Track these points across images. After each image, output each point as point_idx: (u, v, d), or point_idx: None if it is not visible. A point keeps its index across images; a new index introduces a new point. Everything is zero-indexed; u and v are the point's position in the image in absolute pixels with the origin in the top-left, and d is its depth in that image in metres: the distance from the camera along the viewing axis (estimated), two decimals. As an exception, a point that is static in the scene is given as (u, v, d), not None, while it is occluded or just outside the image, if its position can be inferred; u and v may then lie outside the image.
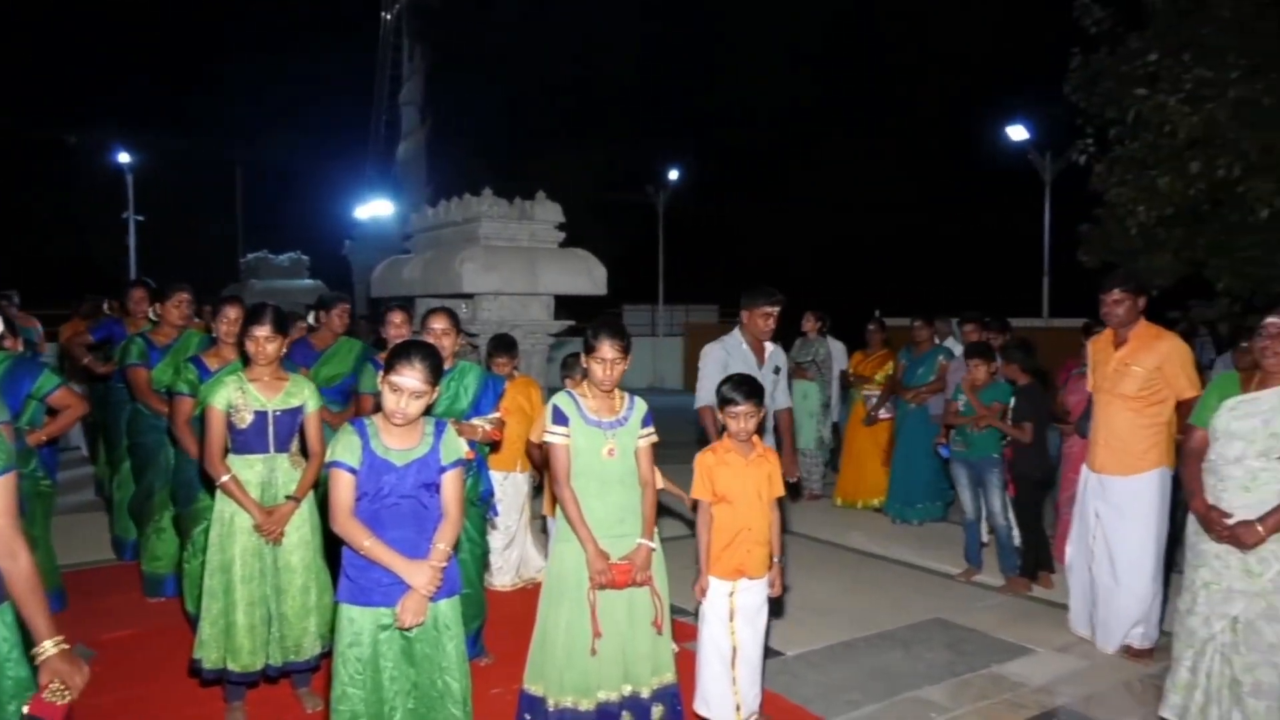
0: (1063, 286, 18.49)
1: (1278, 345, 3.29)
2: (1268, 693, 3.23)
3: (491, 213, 7.34)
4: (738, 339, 4.91)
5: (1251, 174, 9.25)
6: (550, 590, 3.30)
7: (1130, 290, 4.41)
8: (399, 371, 2.74)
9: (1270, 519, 3.20)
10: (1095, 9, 10.77)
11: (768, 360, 4.91)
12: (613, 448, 3.23)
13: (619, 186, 28.47)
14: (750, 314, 4.83)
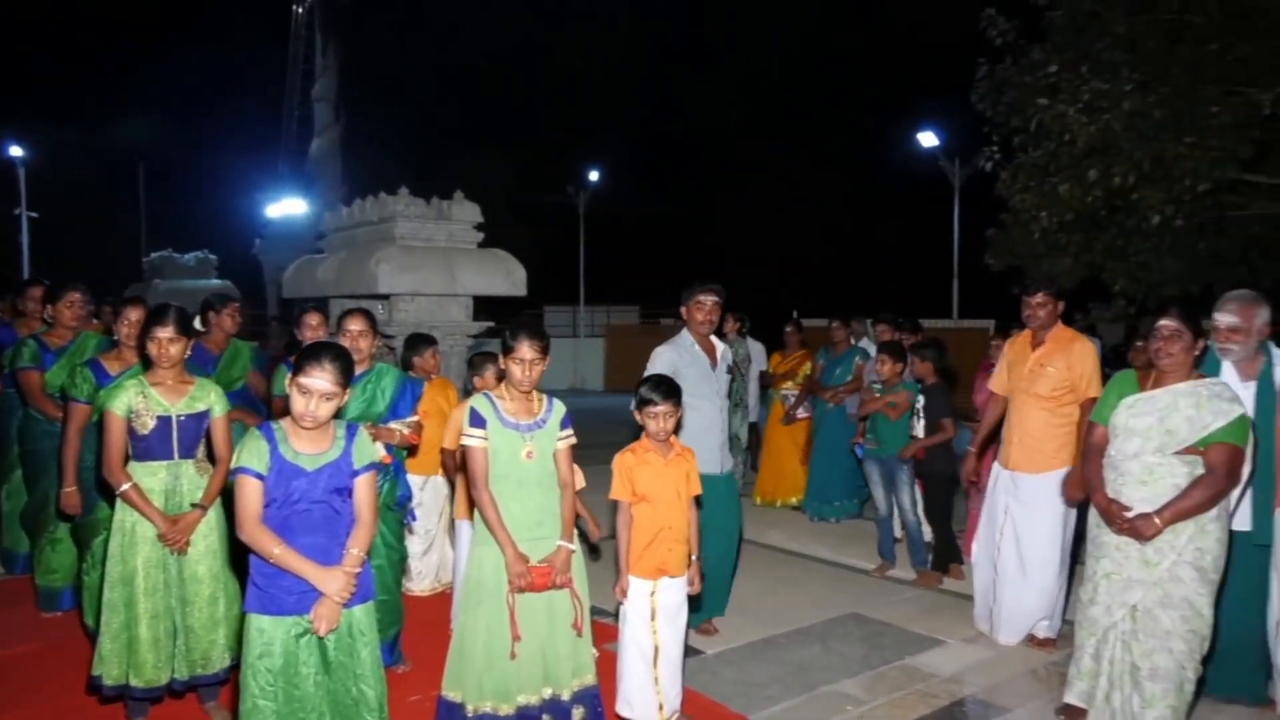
0: (971, 288, 19.14)
1: (1170, 347, 3.46)
2: (1164, 676, 3.39)
3: (408, 212, 7.22)
4: (688, 340, 4.77)
5: (1144, 183, 9.73)
6: (468, 594, 3.25)
7: (1053, 294, 4.60)
8: (308, 373, 2.66)
9: (1166, 511, 3.35)
10: (1000, 21, 11.18)
11: (720, 360, 4.79)
12: (531, 450, 3.21)
13: (539, 187, 28.32)
14: (689, 308, 4.73)
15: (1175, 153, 9.42)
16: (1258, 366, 3.75)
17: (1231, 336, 3.74)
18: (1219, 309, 3.78)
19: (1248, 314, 3.74)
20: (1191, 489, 3.35)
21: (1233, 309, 3.75)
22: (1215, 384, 3.46)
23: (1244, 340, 3.72)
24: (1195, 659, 3.41)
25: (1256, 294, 3.81)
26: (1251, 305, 3.75)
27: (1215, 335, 3.78)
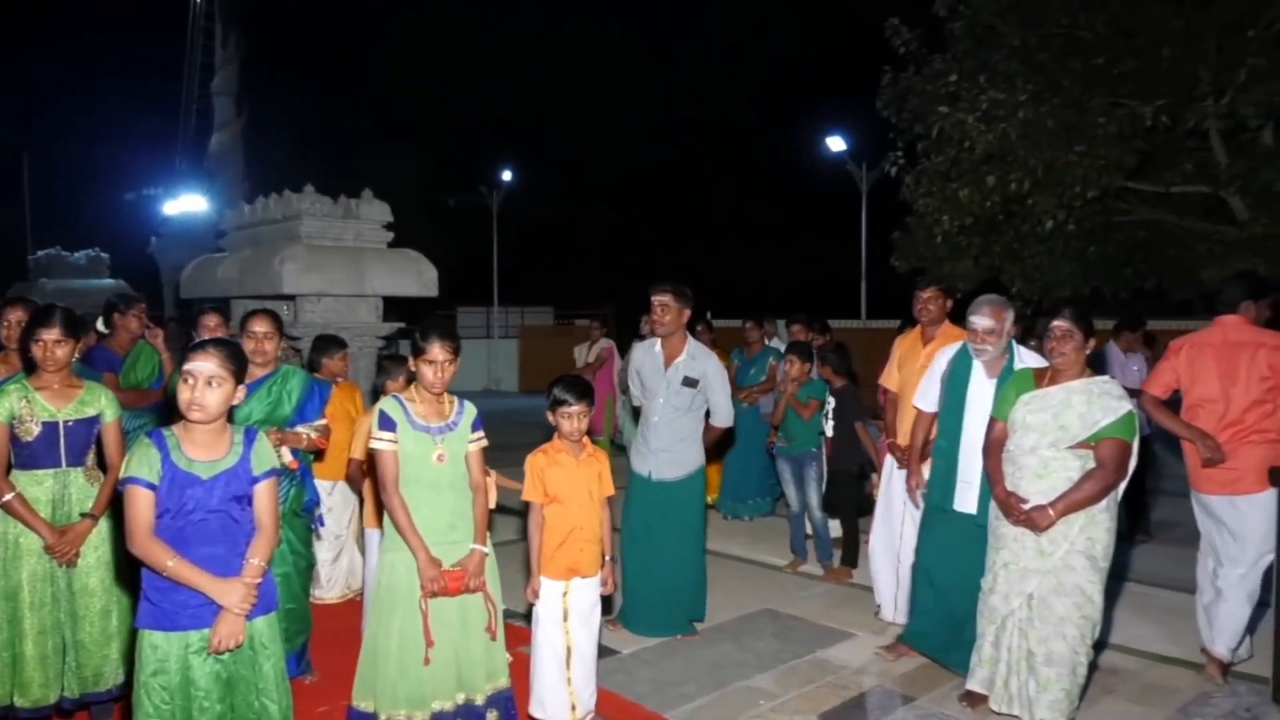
0: (879, 289, 19.67)
1: (1063, 346, 3.62)
2: (1058, 661, 3.55)
3: (314, 210, 7.02)
4: (654, 340, 4.77)
5: (1038, 189, 10.16)
6: (380, 601, 3.19)
7: (942, 290, 4.81)
8: (191, 359, 2.53)
9: (1060, 503, 3.51)
10: (903, 31, 11.53)
11: (673, 367, 4.67)
12: (442, 453, 3.16)
13: (452, 186, 27.93)
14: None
15: (1066, 160, 9.87)
16: (1001, 365, 4.04)
17: (986, 338, 4.00)
18: (974, 312, 4.04)
19: (1000, 316, 4.02)
20: (1083, 481, 3.50)
21: (987, 312, 4.01)
22: (1105, 382, 3.63)
23: (996, 341, 4.00)
24: (1087, 644, 3.58)
25: (1004, 298, 4.13)
26: (1003, 309, 4.06)
27: (972, 337, 4.05)
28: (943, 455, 4.16)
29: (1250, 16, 9.54)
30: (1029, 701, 3.59)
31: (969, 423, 4.06)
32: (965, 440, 4.05)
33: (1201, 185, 10.66)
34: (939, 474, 4.16)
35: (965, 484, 4.04)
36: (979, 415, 4.00)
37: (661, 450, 4.66)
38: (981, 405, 4.00)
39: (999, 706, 3.70)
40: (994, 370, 4.06)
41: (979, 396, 4.04)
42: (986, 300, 4.07)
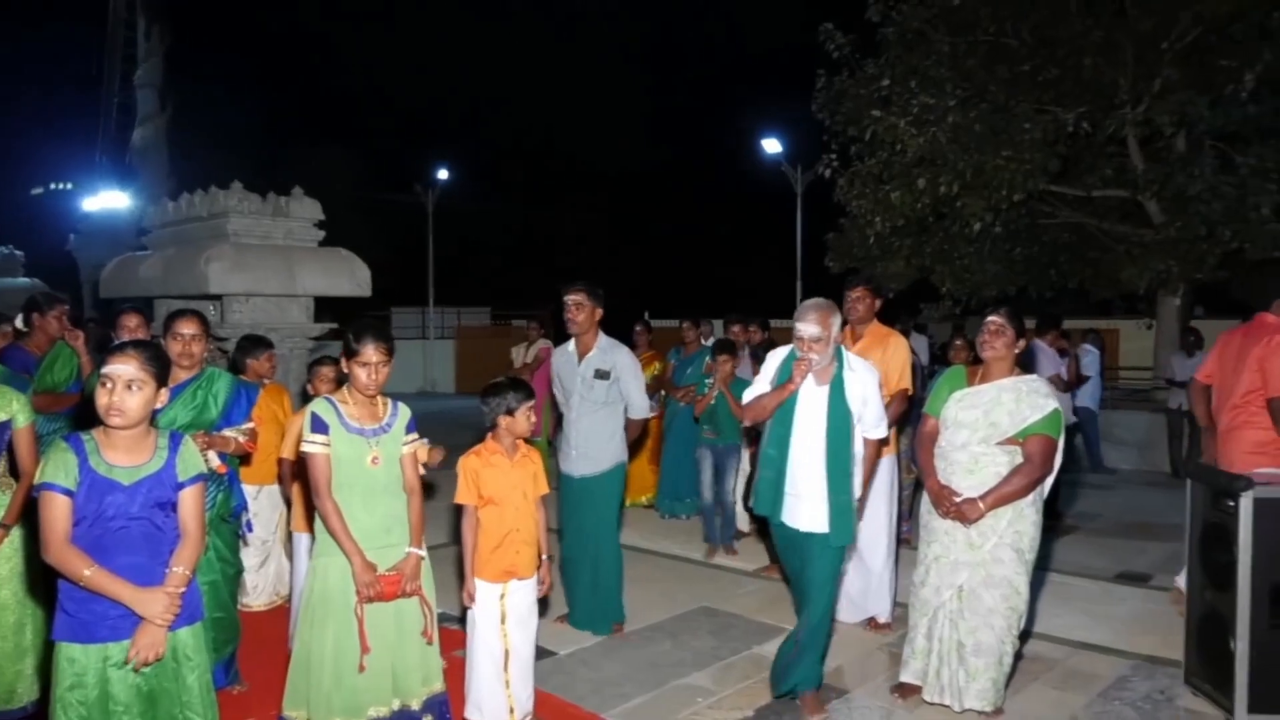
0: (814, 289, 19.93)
1: (995, 341, 3.72)
2: (986, 651, 3.65)
3: (241, 208, 6.84)
4: (569, 341, 4.82)
5: (966, 191, 10.42)
6: (313, 609, 3.12)
7: (870, 290, 4.87)
8: (110, 361, 2.45)
9: (989, 497, 3.60)
10: (837, 35, 11.71)
11: (585, 362, 4.72)
12: (377, 456, 3.11)
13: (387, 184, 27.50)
14: None
15: (993, 164, 10.13)
16: (831, 372, 3.75)
17: (814, 346, 3.68)
18: (800, 319, 3.72)
19: (827, 323, 3.71)
20: (1011, 476, 3.60)
21: (813, 319, 3.68)
22: (1033, 381, 3.74)
23: (824, 350, 3.69)
24: (1013, 633, 3.69)
25: (831, 302, 3.81)
26: (829, 313, 3.74)
27: (798, 344, 3.72)
28: (771, 464, 3.81)
29: (1164, 30, 9.93)
30: (959, 691, 3.68)
31: (798, 431, 3.76)
32: (795, 449, 3.75)
33: (1120, 190, 11.04)
34: (766, 483, 3.82)
35: (794, 497, 3.75)
36: (808, 424, 3.73)
37: (579, 446, 4.70)
38: (811, 413, 3.73)
39: (931, 697, 3.79)
40: (824, 378, 3.77)
41: (809, 404, 3.74)
42: (812, 306, 3.76)
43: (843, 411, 3.70)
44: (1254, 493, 3.63)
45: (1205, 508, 3.95)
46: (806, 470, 3.71)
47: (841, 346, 3.82)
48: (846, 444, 3.70)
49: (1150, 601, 5.33)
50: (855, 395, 3.71)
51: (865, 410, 3.74)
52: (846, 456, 3.70)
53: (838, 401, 3.70)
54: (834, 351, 3.76)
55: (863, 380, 3.75)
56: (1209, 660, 3.87)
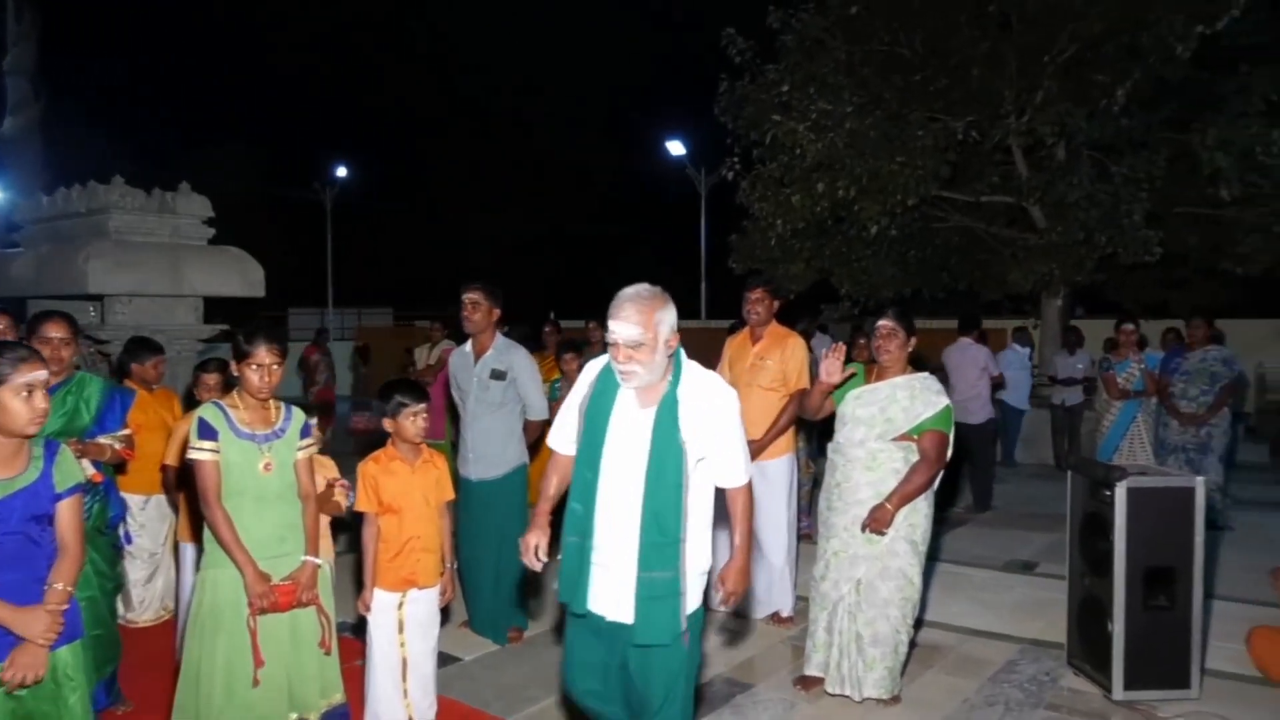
0: (718, 290, 20.24)
1: (888, 344, 3.84)
2: (883, 641, 3.77)
3: (124, 204, 6.50)
4: (466, 342, 4.74)
5: (863, 196, 10.72)
6: (202, 622, 2.99)
7: (769, 291, 4.95)
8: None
9: (895, 497, 3.72)
10: (739, 40, 11.89)
11: (481, 363, 4.64)
12: (269, 462, 3.01)
13: (284, 182, 26.63)
14: None
15: (888, 170, 10.46)
16: (662, 391, 2.68)
17: (633, 354, 2.62)
18: (613, 314, 2.64)
19: (650, 320, 2.62)
20: (911, 474, 3.73)
21: (631, 315, 2.61)
22: (926, 378, 3.88)
23: (648, 359, 2.62)
24: (908, 623, 3.82)
25: (658, 291, 2.68)
26: (653, 307, 2.65)
27: (613, 353, 2.66)
28: (575, 526, 2.68)
29: (1045, 45, 10.43)
30: (858, 681, 3.79)
31: (608, 474, 2.66)
32: (603, 502, 2.66)
33: (1006, 196, 11.55)
34: (569, 555, 2.71)
35: (602, 569, 2.66)
36: (622, 464, 2.64)
37: (476, 449, 4.61)
38: (627, 449, 2.64)
39: (832, 688, 3.88)
40: (649, 398, 2.67)
41: (624, 436, 2.66)
42: (630, 297, 2.63)
43: (671, 447, 2.61)
44: (1127, 482, 3.85)
45: (1085, 498, 4.17)
46: (616, 531, 2.65)
47: (681, 354, 2.72)
48: (670, 494, 2.59)
49: (1036, 588, 5.58)
50: (694, 425, 2.63)
51: (713, 446, 2.67)
52: (671, 513, 2.59)
53: (665, 432, 2.62)
54: (669, 362, 2.68)
55: (710, 405, 2.67)
56: (1089, 642, 4.09)
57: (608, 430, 2.68)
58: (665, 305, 2.65)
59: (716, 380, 2.75)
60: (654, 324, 2.60)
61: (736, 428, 2.74)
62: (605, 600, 2.67)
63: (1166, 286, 14.02)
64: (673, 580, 2.60)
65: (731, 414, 2.72)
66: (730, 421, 2.71)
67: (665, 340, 2.62)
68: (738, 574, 2.74)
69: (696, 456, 2.65)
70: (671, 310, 2.67)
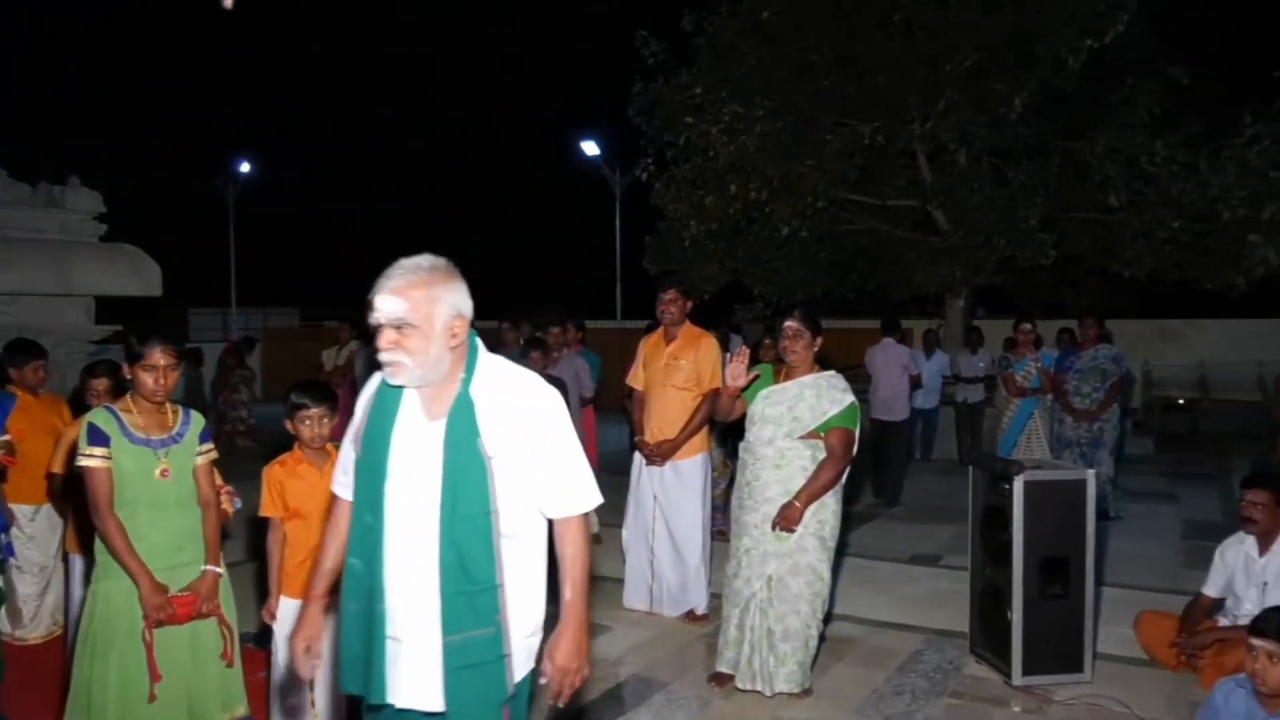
0: (633, 291, 20.31)
1: (795, 345, 3.92)
2: (793, 636, 3.84)
3: (7, 198, 6.18)
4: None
5: (775, 198, 10.92)
6: (95, 636, 2.86)
7: (682, 292, 5.00)
8: None
9: (803, 495, 3.79)
10: (652, 42, 11.96)
11: None
12: (166, 468, 2.89)
13: (184, 177, 25.62)
14: None
15: (799, 172, 10.67)
16: (453, 393, 2.07)
17: (401, 340, 2.03)
18: (378, 289, 2.07)
19: (427, 295, 2.06)
20: (819, 471, 3.81)
21: (400, 288, 2.04)
22: (832, 377, 3.96)
23: (420, 347, 2.03)
24: (818, 617, 3.90)
25: (439, 262, 2.12)
26: (433, 280, 2.09)
27: (379, 340, 2.05)
28: (356, 588, 2.07)
29: (947, 54, 10.80)
30: (769, 676, 3.85)
31: (396, 515, 2.05)
32: (392, 551, 2.04)
33: (911, 199, 11.91)
34: (352, 629, 2.09)
35: (399, 643, 2.04)
36: (414, 499, 2.03)
37: None
38: (418, 476, 2.04)
39: (744, 684, 3.93)
40: (439, 405, 2.07)
41: (412, 460, 2.05)
42: (403, 267, 2.07)
43: (470, 463, 2.01)
44: (1024, 476, 4.00)
45: (985, 492, 4.32)
46: (411, 588, 2.02)
47: (477, 347, 2.14)
48: (475, 525, 2.00)
49: (941, 580, 5.76)
50: (501, 432, 2.03)
51: (532, 460, 2.06)
52: (479, 551, 2.00)
53: (461, 444, 2.02)
54: (458, 357, 2.09)
55: (520, 405, 2.07)
56: (989, 631, 4.25)
57: (389, 455, 2.06)
58: (447, 282, 2.07)
59: (527, 376, 2.16)
60: (428, 301, 2.02)
61: (562, 436, 2.11)
62: (408, 685, 2.03)
63: (1062, 288, 14.67)
64: (492, 639, 2.00)
65: (552, 418, 2.10)
66: (552, 427, 2.09)
67: (445, 325, 2.03)
68: (569, 650, 2.06)
69: (509, 475, 2.05)
70: (456, 291, 2.08)
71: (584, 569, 2.12)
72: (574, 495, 2.12)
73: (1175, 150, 10.17)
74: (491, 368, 2.13)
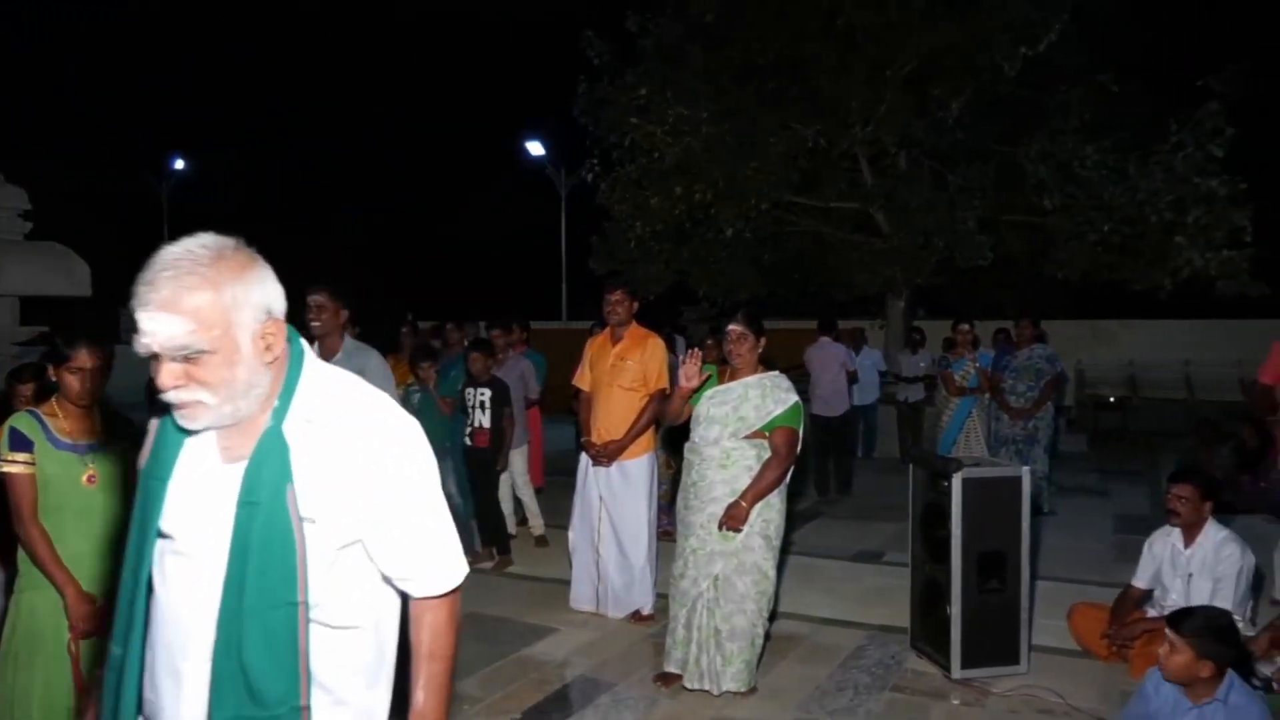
0: (578, 291, 20.26)
1: (739, 347, 3.95)
2: (740, 635, 3.86)
3: (-76, 193, 5.92)
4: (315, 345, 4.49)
5: (720, 199, 11.00)
6: (17, 650, 2.77)
7: (629, 292, 5.00)
8: None
9: (749, 494, 3.82)
10: (598, 43, 11.95)
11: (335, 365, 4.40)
12: (94, 474, 2.80)
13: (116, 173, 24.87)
14: None
15: (744, 174, 10.77)
16: (256, 431, 1.47)
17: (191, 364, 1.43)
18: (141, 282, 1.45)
19: (214, 290, 1.46)
20: (764, 471, 3.84)
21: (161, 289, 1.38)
22: (776, 377, 4.00)
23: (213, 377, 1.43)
24: (764, 616, 3.94)
25: (232, 248, 1.44)
26: (232, 269, 1.45)
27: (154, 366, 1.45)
28: (114, 682, 1.52)
29: (888, 59, 10.99)
30: (716, 675, 3.87)
31: (167, 592, 1.48)
32: (158, 639, 1.50)
33: (853, 202, 12.09)
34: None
35: None
36: (190, 573, 1.46)
37: None
38: (198, 541, 1.46)
39: (691, 684, 3.94)
40: (239, 444, 1.47)
41: (191, 519, 1.47)
42: (168, 265, 1.39)
43: (274, 528, 1.43)
44: (962, 474, 4.09)
45: (925, 489, 4.40)
46: (178, 694, 1.45)
47: (304, 355, 1.55)
48: (272, 621, 1.42)
49: (883, 576, 5.85)
50: (330, 487, 1.46)
51: (382, 526, 1.50)
52: (274, 659, 1.42)
53: (263, 500, 1.43)
54: (276, 372, 1.49)
55: (360, 448, 1.48)
56: (929, 625, 4.33)
57: (160, 512, 1.47)
58: (242, 274, 1.42)
59: (373, 399, 1.55)
60: (220, 309, 1.39)
61: (422, 487, 1.54)
62: None
63: (998, 289, 15.02)
64: None
65: (408, 460, 1.52)
66: (407, 474, 1.51)
67: (253, 337, 1.42)
68: None
69: (338, 544, 1.47)
70: (259, 282, 1.45)
71: (446, 667, 1.58)
72: (436, 568, 1.56)
73: (1105, 155, 10.50)
74: (320, 388, 1.50)
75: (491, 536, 6.13)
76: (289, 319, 1.51)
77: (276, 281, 1.49)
